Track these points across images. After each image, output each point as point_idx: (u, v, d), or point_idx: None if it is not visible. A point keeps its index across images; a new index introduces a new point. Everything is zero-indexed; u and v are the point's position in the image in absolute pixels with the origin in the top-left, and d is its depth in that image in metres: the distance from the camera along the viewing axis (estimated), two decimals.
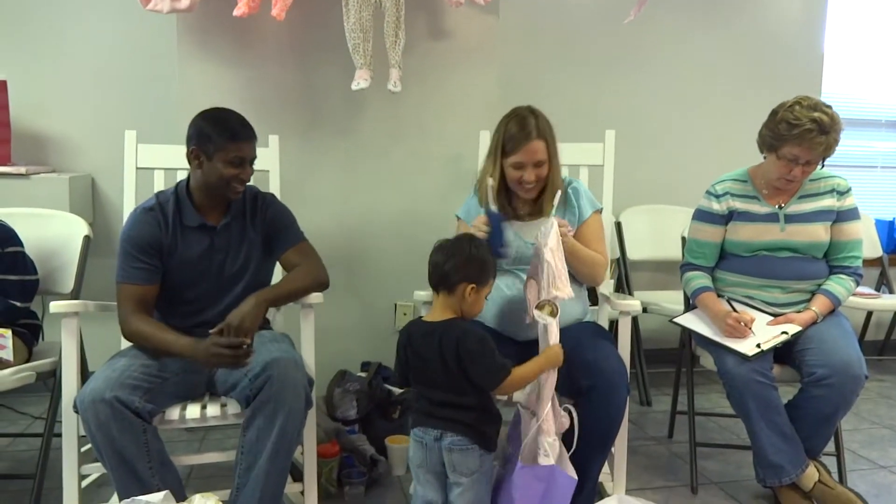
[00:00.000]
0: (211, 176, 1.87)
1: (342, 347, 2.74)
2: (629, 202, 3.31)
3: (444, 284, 1.67)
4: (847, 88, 3.89)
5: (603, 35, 3.38)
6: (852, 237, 2.20)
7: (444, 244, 1.71)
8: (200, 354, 1.74)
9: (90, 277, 2.30)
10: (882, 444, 2.70)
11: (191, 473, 2.31)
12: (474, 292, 1.67)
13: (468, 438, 1.62)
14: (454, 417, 1.63)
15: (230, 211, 1.96)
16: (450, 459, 1.64)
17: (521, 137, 1.95)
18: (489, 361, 1.62)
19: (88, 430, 1.65)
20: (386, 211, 2.78)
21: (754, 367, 2.04)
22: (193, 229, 1.92)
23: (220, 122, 1.86)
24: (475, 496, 1.65)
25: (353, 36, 2.42)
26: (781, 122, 2.09)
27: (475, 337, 1.63)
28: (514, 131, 1.96)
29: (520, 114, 1.99)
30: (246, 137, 1.88)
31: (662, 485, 2.32)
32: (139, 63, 2.93)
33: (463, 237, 1.74)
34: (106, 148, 2.84)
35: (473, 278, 1.66)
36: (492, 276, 1.72)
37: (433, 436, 1.65)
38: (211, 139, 1.84)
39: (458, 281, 1.65)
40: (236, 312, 1.77)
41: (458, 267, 1.65)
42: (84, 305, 1.92)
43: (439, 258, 1.68)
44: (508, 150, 1.97)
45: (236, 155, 1.85)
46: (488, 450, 1.66)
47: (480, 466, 1.65)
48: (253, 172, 1.94)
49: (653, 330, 3.28)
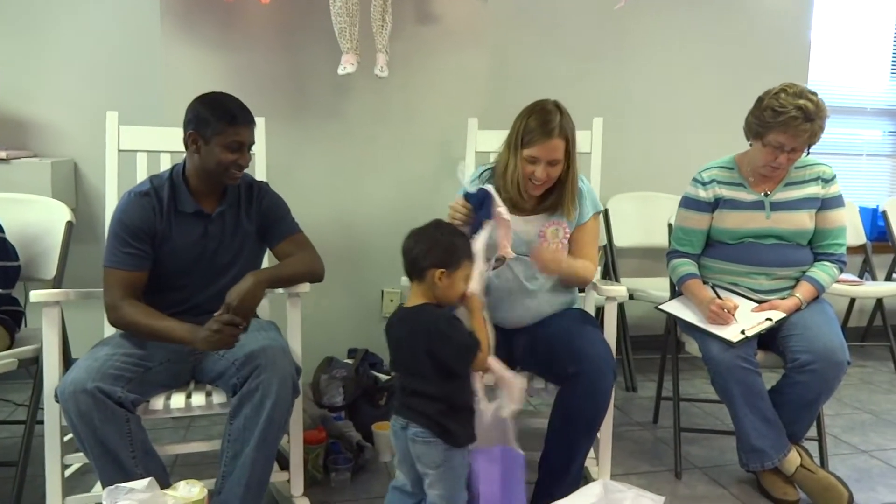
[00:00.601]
0: (209, 161, 1.83)
1: (329, 334, 2.74)
2: (616, 189, 3.31)
3: (414, 272, 1.66)
4: (833, 76, 3.90)
5: (592, 21, 3.36)
6: (836, 225, 2.22)
7: (412, 231, 1.69)
8: (199, 340, 1.71)
9: (73, 264, 2.27)
10: (863, 428, 2.73)
11: (176, 461, 2.30)
12: (445, 277, 1.63)
13: (430, 431, 1.59)
14: (418, 408, 1.61)
15: (225, 198, 1.93)
16: (414, 450, 1.62)
17: (542, 133, 1.90)
18: (459, 340, 1.60)
19: (70, 421, 1.63)
20: (372, 196, 2.77)
21: (738, 353, 2.05)
22: (188, 216, 1.89)
23: (219, 106, 1.82)
24: (445, 491, 1.62)
25: (340, 20, 2.39)
26: (767, 110, 2.09)
27: (445, 319, 1.62)
28: (536, 125, 1.91)
29: (545, 108, 1.94)
30: (245, 122, 1.84)
31: (647, 470, 2.34)
32: (123, 46, 2.88)
33: (431, 223, 1.71)
34: (89, 132, 2.79)
35: (442, 263, 1.63)
36: (465, 258, 1.68)
37: (401, 424, 1.64)
38: (209, 123, 1.80)
39: (427, 267, 1.63)
40: (235, 291, 1.73)
41: (425, 253, 1.63)
42: (65, 294, 1.89)
43: (408, 245, 1.67)
44: (526, 142, 1.92)
45: (234, 139, 1.82)
46: (454, 445, 1.61)
47: (446, 461, 1.61)
48: (251, 158, 1.91)
49: (639, 316, 3.29)
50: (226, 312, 1.70)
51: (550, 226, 2.01)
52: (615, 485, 1.64)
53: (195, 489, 1.54)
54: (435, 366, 1.59)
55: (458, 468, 1.64)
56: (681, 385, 2.47)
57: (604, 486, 1.63)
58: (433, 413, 1.59)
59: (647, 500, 1.62)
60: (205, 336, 1.70)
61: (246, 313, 1.73)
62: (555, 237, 2.01)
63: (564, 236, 2.02)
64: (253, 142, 1.89)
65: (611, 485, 1.64)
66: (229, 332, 1.70)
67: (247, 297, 1.73)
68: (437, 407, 1.60)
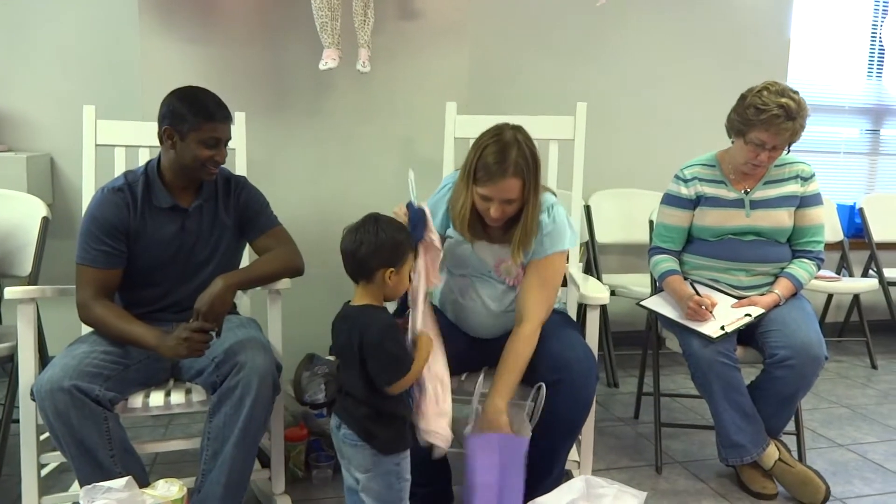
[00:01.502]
0: (184, 156, 1.80)
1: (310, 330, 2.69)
2: (598, 185, 3.33)
3: (361, 273, 1.59)
4: (812, 75, 3.94)
5: (574, 18, 3.37)
6: (815, 222, 2.24)
7: (350, 229, 1.61)
8: (166, 348, 1.68)
9: (49, 260, 2.24)
10: (840, 422, 2.77)
11: (155, 459, 2.28)
12: (394, 275, 1.58)
13: (357, 435, 1.55)
14: (348, 409, 1.57)
15: (202, 193, 1.90)
16: (344, 451, 1.59)
17: (494, 171, 1.74)
18: (388, 356, 1.53)
19: (46, 419, 1.60)
20: (354, 191, 2.75)
21: (718, 348, 2.07)
22: (163, 211, 1.85)
23: (195, 101, 1.79)
24: (375, 497, 1.57)
25: (321, 14, 2.37)
26: (749, 108, 2.11)
27: (379, 328, 1.54)
28: (490, 161, 1.74)
29: (502, 139, 1.76)
30: (221, 118, 1.81)
31: (628, 465, 2.35)
32: (100, 39, 2.84)
33: (368, 219, 1.61)
34: (66, 127, 2.75)
35: (389, 262, 1.57)
36: (409, 251, 1.62)
37: (336, 423, 1.60)
38: (185, 119, 1.76)
39: (375, 268, 1.57)
40: (204, 296, 1.71)
41: (372, 254, 1.56)
42: (41, 291, 1.85)
43: (349, 246, 1.58)
44: (479, 179, 1.77)
45: (211, 136, 1.79)
46: (381, 451, 1.55)
47: (374, 466, 1.56)
48: (227, 154, 1.88)
49: (620, 313, 3.31)
50: (195, 318, 1.68)
51: (503, 262, 1.89)
52: (597, 480, 1.65)
53: (174, 488, 1.53)
54: (362, 372, 1.54)
55: (389, 476, 1.57)
56: (661, 380, 2.50)
57: (586, 482, 1.64)
58: (360, 417, 1.55)
59: (628, 495, 1.63)
60: (172, 344, 1.67)
61: (216, 318, 1.70)
62: (508, 274, 1.90)
63: (519, 273, 1.90)
64: (229, 138, 1.86)
65: (593, 480, 1.65)
66: (199, 338, 1.67)
67: (216, 302, 1.71)
68: (365, 411, 1.55)
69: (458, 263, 1.96)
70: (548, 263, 1.87)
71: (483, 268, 1.92)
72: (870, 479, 2.28)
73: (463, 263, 1.94)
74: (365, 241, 1.56)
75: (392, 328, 1.57)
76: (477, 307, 1.93)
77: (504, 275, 1.91)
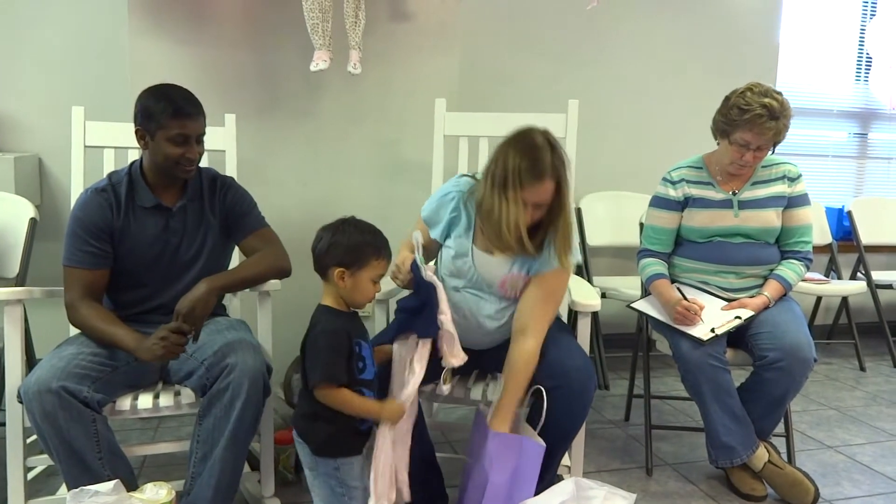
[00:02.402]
0: (157, 155, 1.78)
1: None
2: (589, 188, 3.34)
3: (318, 269, 1.61)
4: (801, 78, 3.97)
5: (566, 22, 3.38)
6: (803, 222, 2.25)
7: (323, 226, 1.62)
8: (143, 349, 1.67)
9: (37, 261, 2.22)
10: (829, 424, 2.79)
11: (144, 463, 2.26)
12: (349, 277, 1.55)
13: (297, 430, 1.59)
14: (298, 406, 1.62)
15: (186, 192, 1.88)
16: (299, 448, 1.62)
17: (533, 174, 1.67)
18: (314, 356, 1.53)
19: (34, 421, 1.59)
20: (345, 194, 2.74)
21: (708, 350, 2.07)
22: (147, 210, 1.84)
23: (163, 98, 1.75)
24: (321, 498, 1.58)
25: (312, 16, 2.37)
26: (733, 108, 2.12)
27: (321, 328, 1.55)
28: (526, 166, 1.67)
29: (531, 143, 1.69)
30: (188, 114, 1.76)
31: (618, 467, 2.35)
32: (89, 39, 2.82)
33: (340, 219, 1.60)
34: (54, 127, 2.74)
35: (342, 262, 1.55)
36: (373, 258, 1.57)
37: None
38: (153, 117, 1.74)
39: (328, 265, 1.57)
40: (186, 298, 1.70)
41: (325, 250, 1.56)
42: (29, 292, 1.84)
43: (314, 241, 1.61)
44: (514, 185, 1.68)
45: (179, 133, 1.75)
46: (314, 451, 1.56)
47: (314, 466, 1.57)
48: (203, 151, 1.85)
49: (611, 315, 3.31)
50: (176, 319, 1.67)
51: (511, 279, 1.83)
52: (587, 482, 1.65)
53: (163, 491, 1.52)
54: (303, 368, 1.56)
55: (329, 479, 1.56)
56: (652, 383, 2.50)
57: (576, 484, 1.64)
58: (298, 414, 1.60)
59: (618, 497, 1.63)
60: (149, 346, 1.66)
61: (196, 321, 1.69)
62: (514, 289, 1.84)
63: (522, 286, 1.84)
64: (201, 133, 1.82)
65: (582, 482, 1.65)
66: (175, 339, 1.65)
67: (198, 305, 1.69)
68: (303, 409, 1.59)
69: (454, 274, 1.89)
70: (554, 277, 1.81)
71: (481, 283, 1.86)
72: (858, 480, 2.29)
73: (459, 275, 1.88)
74: (324, 238, 1.58)
75: (332, 334, 1.53)
76: (471, 326, 1.86)
77: (509, 290, 1.84)
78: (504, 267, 1.82)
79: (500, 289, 1.84)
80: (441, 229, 1.90)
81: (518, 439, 1.70)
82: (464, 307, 1.86)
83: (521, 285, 1.83)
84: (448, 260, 1.90)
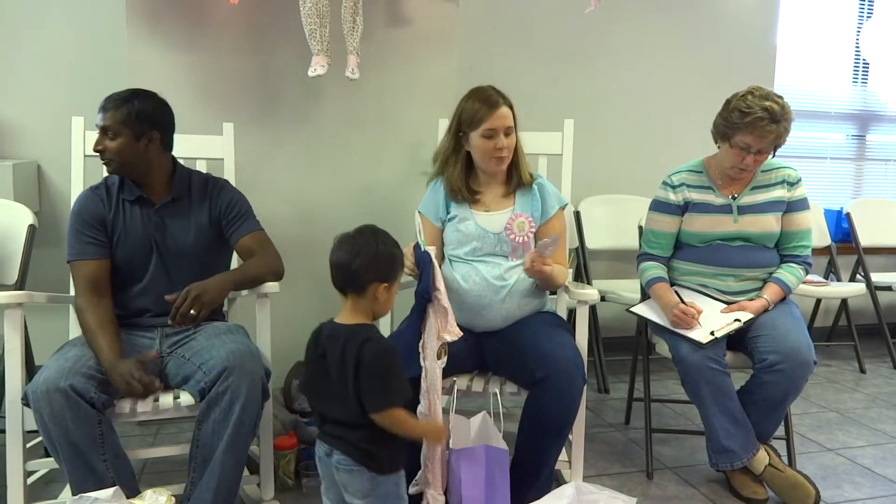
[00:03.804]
0: None
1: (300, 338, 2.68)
2: (588, 191, 3.34)
3: (352, 285, 1.52)
4: (799, 81, 3.98)
5: (563, 26, 3.39)
6: (802, 227, 2.25)
7: (344, 239, 1.54)
8: (114, 374, 1.69)
9: (36, 268, 2.22)
10: (829, 427, 2.78)
11: (144, 468, 2.26)
12: (386, 291, 1.53)
13: (353, 459, 1.48)
14: (341, 435, 1.49)
15: (172, 190, 1.96)
16: (339, 478, 1.52)
17: (489, 105, 1.96)
18: (378, 383, 1.45)
19: (41, 422, 1.60)
20: (344, 200, 2.75)
21: (708, 353, 2.07)
22: (133, 203, 1.93)
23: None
24: None
25: (310, 21, 2.37)
26: (734, 111, 2.13)
27: (378, 349, 1.47)
28: (480, 101, 1.98)
29: (479, 88, 2.03)
30: (101, 107, 1.87)
31: (619, 471, 2.35)
32: (87, 46, 2.82)
33: (366, 230, 1.56)
34: (53, 134, 2.73)
35: (384, 277, 1.52)
36: (401, 269, 1.59)
37: (324, 451, 1.54)
38: None
39: (369, 281, 1.50)
40: (200, 283, 1.76)
41: (367, 266, 1.50)
42: (29, 296, 1.84)
43: (343, 257, 1.51)
44: (478, 120, 1.97)
45: (98, 126, 1.87)
46: (380, 472, 1.49)
47: (374, 490, 1.49)
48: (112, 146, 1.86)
49: (611, 318, 3.31)
50: (185, 297, 1.71)
51: (517, 218, 2.00)
52: (588, 486, 1.65)
53: (162, 498, 1.52)
54: (356, 392, 1.46)
55: (388, 497, 1.52)
56: (652, 386, 2.50)
57: (576, 489, 1.64)
58: (356, 440, 1.48)
59: (619, 501, 1.63)
60: (116, 376, 1.69)
61: (202, 306, 1.73)
62: (521, 231, 1.99)
63: (531, 229, 2.00)
64: (106, 125, 1.86)
65: (583, 487, 1.65)
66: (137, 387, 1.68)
67: (209, 290, 1.75)
68: (361, 433, 1.48)
69: (462, 241, 2.02)
70: (555, 221, 2.09)
71: (488, 238, 2.00)
72: (859, 483, 2.29)
73: (467, 240, 2.02)
74: (362, 253, 1.50)
75: (389, 355, 1.50)
76: (480, 290, 1.97)
77: (517, 232, 1.98)
78: (504, 214, 2.02)
79: (508, 234, 1.99)
80: (440, 207, 2.09)
81: (480, 448, 1.72)
82: (472, 274, 1.99)
83: (528, 227, 1.99)
84: (453, 231, 2.05)
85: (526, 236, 1.99)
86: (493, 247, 2.00)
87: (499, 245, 2.01)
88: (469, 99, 2.02)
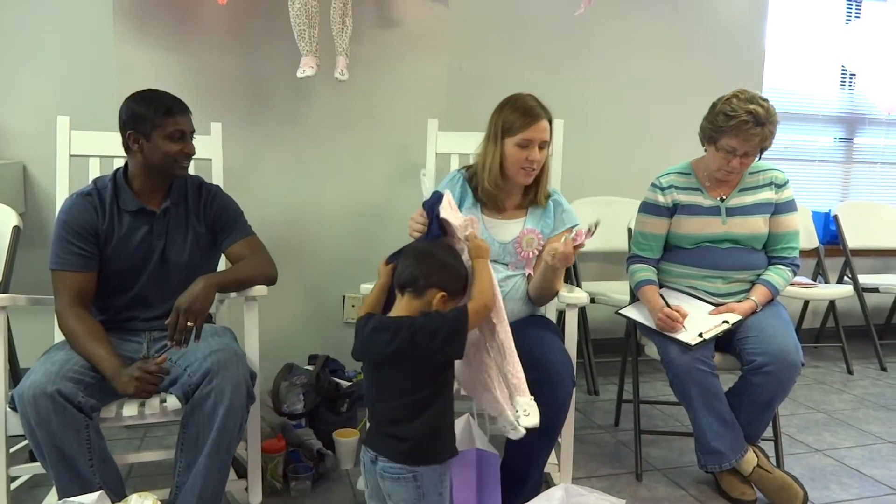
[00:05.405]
0: (154, 156, 1.83)
1: (289, 340, 2.70)
2: (578, 193, 3.34)
3: (412, 286, 1.52)
4: (787, 84, 4.00)
5: (553, 28, 3.40)
6: (790, 229, 2.26)
7: (415, 248, 1.59)
8: (118, 382, 1.67)
9: (21, 270, 2.19)
10: (817, 428, 2.80)
11: (130, 472, 2.24)
12: (442, 302, 1.51)
13: (401, 466, 1.46)
14: (389, 441, 1.48)
15: (170, 196, 1.91)
16: (384, 486, 1.49)
17: (530, 116, 1.93)
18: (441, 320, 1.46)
19: (27, 427, 1.58)
20: (333, 201, 2.74)
21: (696, 355, 2.08)
22: (131, 214, 1.87)
23: (153, 100, 1.83)
24: None
25: (299, 22, 2.36)
26: (719, 114, 2.14)
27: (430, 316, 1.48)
28: (522, 110, 1.94)
29: (523, 97, 1.99)
30: (181, 111, 1.85)
31: (608, 472, 2.35)
32: (74, 46, 2.80)
33: (440, 244, 1.60)
34: (38, 134, 2.71)
35: (445, 286, 1.52)
36: (463, 294, 1.56)
37: (370, 457, 1.51)
38: (146, 119, 1.80)
39: (429, 286, 1.51)
40: (185, 294, 1.72)
41: (432, 271, 1.51)
42: (12, 299, 1.82)
43: (411, 260, 1.54)
44: (517, 128, 1.93)
45: (175, 129, 1.82)
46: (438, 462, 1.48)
47: (419, 500, 1.47)
48: (195, 150, 1.90)
49: (600, 320, 3.32)
50: (175, 314, 1.68)
51: (527, 234, 2.00)
52: (577, 489, 1.65)
53: (147, 502, 1.50)
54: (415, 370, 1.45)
55: (436, 483, 1.49)
56: (641, 388, 2.50)
57: (566, 491, 1.64)
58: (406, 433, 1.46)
59: (608, 503, 1.63)
60: (123, 381, 1.67)
61: (195, 316, 1.71)
62: (530, 246, 1.99)
63: (538, 245, 2.00)
64: (193, 129, 1.89)
65: (572, 489, 1.65)
66: (150, 379, 1.67)
67: (196, 299, 1.72)
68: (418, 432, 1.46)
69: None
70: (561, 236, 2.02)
71: (494, 246, 1.97)
72: (847, 483, 2.30)
73: None
74: (438, 255, 1.55)
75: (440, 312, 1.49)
76: None
77: (525, 247, 1.99)
78: (517, 226, 2.01)
79: (515, 247, 1.99)
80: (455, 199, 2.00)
81: (471, 452, 1.72)
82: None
83: (536, 243, 1.99)
84: None
85: (533, 251, 2.00)
86: (497, 254, 1.98)
87: (503, 254, 1.99)
88: (510, 106, 1.97)
